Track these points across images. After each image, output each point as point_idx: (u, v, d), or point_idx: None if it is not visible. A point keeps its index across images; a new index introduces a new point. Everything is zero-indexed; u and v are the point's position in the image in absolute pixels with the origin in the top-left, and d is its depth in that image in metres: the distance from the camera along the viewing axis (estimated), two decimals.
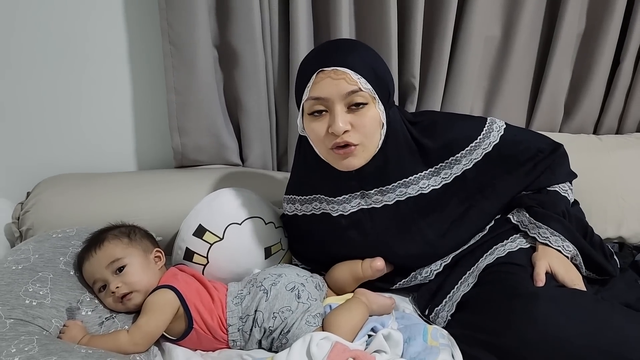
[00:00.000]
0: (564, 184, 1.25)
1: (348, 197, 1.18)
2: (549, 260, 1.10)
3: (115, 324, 1.10)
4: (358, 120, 1.05)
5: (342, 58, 1.04)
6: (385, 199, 1.18)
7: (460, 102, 1.63)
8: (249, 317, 1.11)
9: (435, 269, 1.24)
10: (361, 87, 1.03)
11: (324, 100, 1.04)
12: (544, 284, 1.07)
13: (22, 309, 1.02)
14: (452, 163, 1.18)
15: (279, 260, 1.33)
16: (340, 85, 1.02)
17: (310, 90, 1.04)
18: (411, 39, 1.52)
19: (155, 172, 1.56)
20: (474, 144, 1.17)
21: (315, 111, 1.06)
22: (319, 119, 1.06)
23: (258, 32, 1.43)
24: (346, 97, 1.03)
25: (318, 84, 1.03)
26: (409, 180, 1.17)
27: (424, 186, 1.18)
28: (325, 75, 1.03)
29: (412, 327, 1.10)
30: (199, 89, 1.46)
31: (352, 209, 1.19)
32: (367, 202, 1.18)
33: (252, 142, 1.59)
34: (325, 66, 1.03)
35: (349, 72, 1.02)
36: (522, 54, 1.64)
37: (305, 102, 1.06)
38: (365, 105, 1.05)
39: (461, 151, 1.17)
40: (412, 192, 1.18)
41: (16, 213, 1.39)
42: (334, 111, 1.03)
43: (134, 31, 1.48)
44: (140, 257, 1.13)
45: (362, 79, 1.03)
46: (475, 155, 1.18)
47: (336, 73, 1.02)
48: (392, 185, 1.17)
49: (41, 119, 1.52)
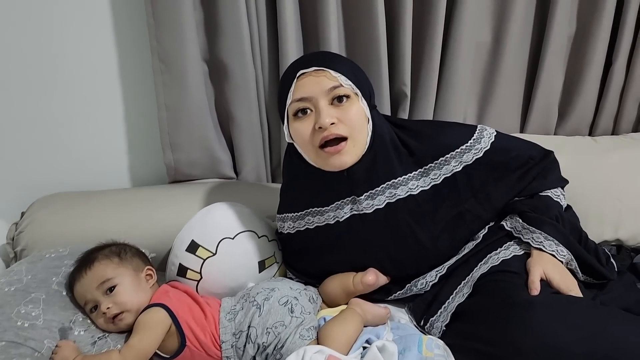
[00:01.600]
0: (555, 190, 1.24)
1: (340, 203, 1.18)
2: (543, 267, 1.09)
3: (108, 344, 1.09)
4: (343, 113, 1.07)
5: (322, 60, 1.08)
6: (375, 202, 1.17)
7: (453, 108, 1.62)
8: (242, 333, 1.10)
9: (431, 280, 1.23)
10: (342, 84, 1.06)
11: (307, 100, 1.07)
12: (539, 292, 1.05)
13: (14, 330, 1.02)
14: (442, 164, 1.18)
15: (274, 273, 1.32)
16: (322, 82, 1.06)
17: (293, 92, 1.07)
18: (401, 46, 1.52)
19: (149, 189, 1.56)
20: (465, 147, 1.18)
21: (300, 110, 1.08)
22: (304, 119, 1.08)
23: (247, 46, 1.43)
24: (329, 92, 1.06)
25: (300, 84, 1.07)
26: (397, 181, 1.17)
27: (413, 187, 1.18)
28: (307, 76, 1.07)
29: (408, 338, 1.09)
30: (190, 104, 1.46)
31: (345, 215, 1.19)
32: (359, 208, 1.18)
33: (245, 155, 1.59)
34: (305, 68, 1.07)
35: (329, 71, 1.06)
36: (514, 58, 1.64)
37: (290, 105, 1.08)
38: (348, 98, 1.07)
39: (450, 152, 1.18)
40: (401, 193, 1.17)
41: (11, 234, 1.39)
42: (318, 107, 1.06)
43: (124, 50, 1.49)
44: (131, 276, 1.13)
45: (342, 76, 1.07)
46: (466, 159, 1.18)
47: (317, 72, 1.07)
48: (382, 187, 1.17)
49: (34, 138, 1.52)
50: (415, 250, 1.20)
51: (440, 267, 1.23)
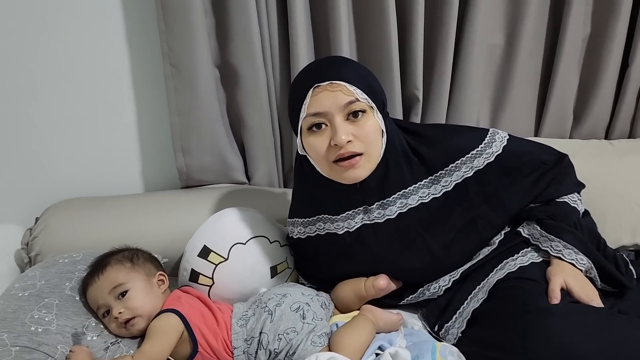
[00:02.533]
0: (572, 195, 1.22)
1: (351, 213, 1.17)
2: (564, 277, 1.06)
3: (121, 349, 1.10)
4: (359, 129, 1.04)
5: (336, 71, 1.04)
6: (387, 212, 1.16)
7: (465, 112, 1.61)
8: (254, 339, 1.10)
9: (444, 284, 1.21)
10: (358, 98, 1.03)
11: (323, 115, 1.04)
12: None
13: (28, 335, 1.02)
14: (452, 170, 1.16)
15: (286, 278, 1.32)
16: (337, 97, 1.03)
17: (308, 106, 1.04)
18: (413, 50, 1.51)
19: (161, 194, 1.57)
20: (475, 152, 1.16)
21: (314, 125, 1.05)
22: (319, 133, 1.05)
23: (258, 51, 1.43)
24: (344, 108, 1.03)
25: (315, 98, 1.03)
26: (408, 190, 1.16)
27: (424, 195, 1.16)
28: (322, 90, 1.03)
29: (421, 345, 1.08)
30: (201, 109, 1.46)
31: (357, 225, 1.18)
32: (370, 218, 1.17)
33: (257, 160, 1.58)
34: (320, 81, 1.03)
35: (345, 84, 1.03)
36: (527, 61, 1.62)
37: (304, 119, 1.05)
38: (364, 113, 1.05)
39: (461, 158, 1.16)
40: (412, 202, 1.16)
41: (25, 239, 1.40)
42: (334, 123, 1.03)
43: (135, 55, 1.50)
44: (143, 281, 1.13)
45: (357, 90, 1.03)
46: (477, 164, 1.16)
47: (332, 86, 1.03)
48: (393, 197, 1.15)
49: (47, 145, 1.54)
50: (426, 259, 1.19)
51: (454, 272, 1.22)
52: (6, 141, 1.51)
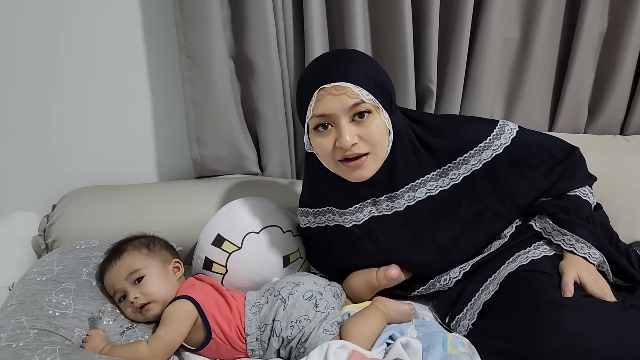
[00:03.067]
0: (584, 188, 1.21)
1: (360, 206, 1.18)
2: (577, 271, 1.06)
3: (136, 334, 1.11)
4: (365, 130, 1.04)
5: (342, 72, 1.03)
6: (395, 205, 1.17)
7: (479, 106, 1.60)
8: (267, 327, 1.11)
9: (455, 276, 1.22)
10: (363, 99, 1.02)
11: (328, 117, 1.04)
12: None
13: (46, 319, 1.05)
14: (460, 163, 1.16)
15: (298, 268, 1.33)
16: (342, 100, 1.02)
17: (314, 108, 1.04)
18: (427, 43, 1.50)
19: (175, 183, 1.58)
20: (484, 144, 1.16)
21: (321, 125, 1.05)
22: (325, 133, 1.06)
23: (273, 42, 1.44)
24: (350, 110, 1.02)
25: (320, 101, 1.03)
26: (416, 183, 1.16)
27: (432, 188, 1.17)
28: (327, 93, 1.02)
29: (432, 335, 1.09)
30: (216, 100, 1.48)
31: (365, 218, 1.18)
32: (378, 209, 1.18)
33: (271, 152, 1.59)
34: (324, 83, 1.02)
35: (350, 86, 1.01)
36: (543, 55, 1.61)
37: (310, 119, 1.06)
38: (369, 114, 1.04)
39: (469, 151, 1.15)
40: (420, 195, 1.16)
41: (42, 226, 1.43)
42: (339, 125, 1.03)
43: (151, 46, 1.51)
44: (158, 267, 1.15)
45: (363, 90, 1.02)
46: (485, 156, 1.15)
47: (337, 89, 1.01)
48: (401, 190, 1.16)
49: (65, 134, 1.56)
50: (435, 252, 1.19)
51: (464, 265, 1.22)
52: (25, 131, 1.54)
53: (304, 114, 1.07)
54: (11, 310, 1.06)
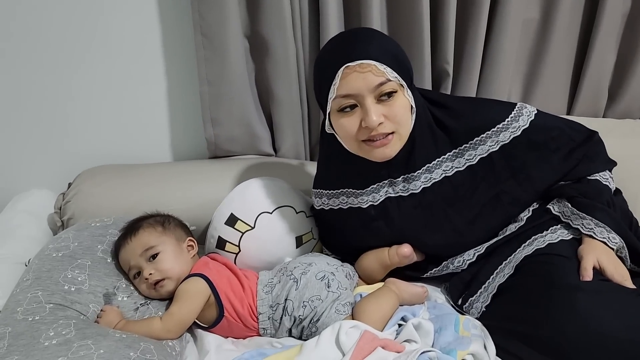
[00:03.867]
0: (604, 173, 1.19)
1: (376, 186, 1.17)
2: (597, 255, 1.05)
3: (150, 310, 1.13)
4: (390, 110, 1.02)
5: (365, 50, 1.00)
6: (411, 187, 1.16)
7: (496, 88, 1.58)
8: (279, 306, 1.12)
9: (469, 258, 1.21)
10: (389, 78, 1.00)
11: (353, 97, 1.01)
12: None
13: (62, 294, 1.06)
14: (477, 144, 1.14)
15: (310, 249, 1.33)
16: (368, 78, 0.99)
17: (338, 88, 1.01)
18: (444, 23, 1.48)
19: (189, 163, 1.59)
20: (501, 126, 1.14)
21: (347, 106, 1.03)
22: (350, 114, 1.03)
23: (288, 22, 1.43)
24: (375, 89, 1.00)
25: (345, 80, 1.00)
26: (432, 165, 1.15)
27: (447, 169, 1.15)
28: (352, 70, 1.00)
29: (444, 317, 1.08)
30: (231, 79, 1.47)
31: (381, 198, 1.18)
32: (395, 191, 1.17)
33: (285, 132, 1.59)
34: (349, 61, 0.99)
35: (375, 64, 0.99)
36: (563, 37, 1.57)
37: (334, 100, 1.03)
38: (394, 94, 1.02)
39: (487, 132, 1.14)
40: (436, 176, 1.15)
41: (58, 203, 1.44)
42: (365, 105, 1.01)
43: (166, 24, 1.50)
44: (173, 245, 1.16)
45: (388, 68, 1.00)
46: (503, 138, 1.14)
47: (362, 66, 0.99)
48: (417, 172, 1.15)
49: (80, 113, 1.56)
50: (450, 235, 1.19)
51: (479, 247, 1.21)
52: (41, 110, 1.55)
53: (325, 95, 1.04)
54: (27, 285, 1.08)
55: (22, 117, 1.54)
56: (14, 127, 1.55)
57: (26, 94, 1.52)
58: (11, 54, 1.47)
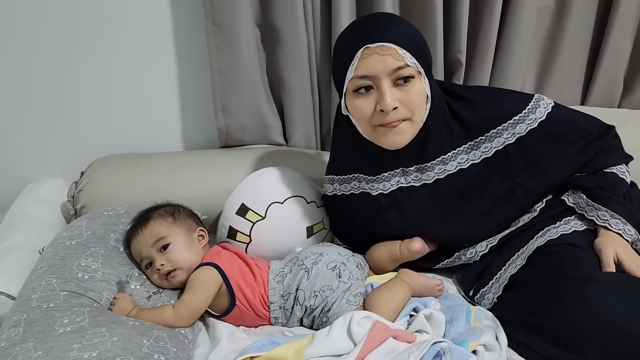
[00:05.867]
0: (621, 166, 1.18)
1: (388, 175, 1.16)
2: (615, 248, 1.04)
3: (162, 299, 1.13)
4: (405, 95, 1.02)
5: (386, 33, 1.00)
6: (424, 177, 1.15)
7: (510, 77, 1.56)
8: (291, 295, 1.12)
9: (481, 250, 1.20)
10: (407, 63, 1.00)
11: (370, 78, 1.01)
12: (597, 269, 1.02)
13: (75, 282, 1.07)
14: (493, 136, 1.13)
15: (321, 239, 1.33)
16: (387, 61, 0.99)
17: (356, 68, 1.01)
18: (458, 11, 1.46)
19: (200, 152, 1.59)
20: (518, 118, 1.13)
21: (362, 87, 1.03)
22: (365, 96, 1.03)
23: (300, 10, 1.42)
24: (393, 72, 1.00)
25: (364, 61, 1.00)
26: (447, 157, 1.14)
27: (463, 161, 1.15)
28: (371, 52, 1.00)
29: (455, 308, 1.08)
30: (242, 68, 1.47)
31: (392, 187, 1.17)
32: (407, 180, 1.16)
33: (296, 122, 1.58)
34: (369, 42, 1.00)
35: (395, 48, 0.99)
36: (578, 25, 1.55)
37: (350, 80, 1.03)
38: (411, 79, 1.02)
39: (503, 124, 1.13)
40: (451, 168, 1.15)
41: (71, 192, 1.45)
42: (381, 88, 1.01)
43: (178, 13, 1.50)
44: (184, 235, 1.16)
45: (407, 53, 1.00)
46: (519, 130, 1.13)
47: (382, 49, 0.99)
48: (431, 163, 1.14)
49: (93, 103, 1.57)
50: (462, 227, 1.18)
51: (491, 238, 1.20)
52: (55, 100, 1.55)
53: (342, 76, 1.04)
54: (42, 273, 1.09)
55: (35, 107, 1.55)
56: (28, 116, 1.56)
57: (39, 84, 1.53)
58: (24, 44, 1.48)
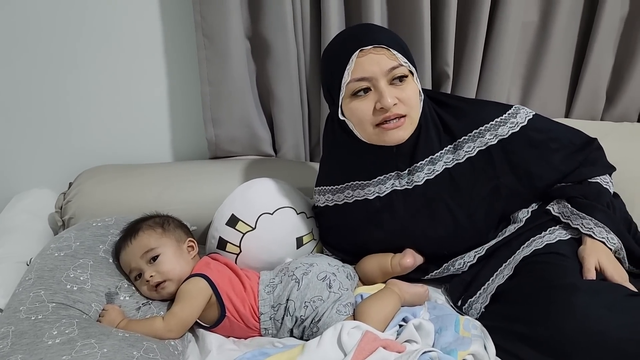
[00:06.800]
0: (604, 176, 1.21)
1: (383, 178, 1.19)
2: (598, 256, 1.07)
3: (152, 310, 1.13)
4: (402, 93, 1.06)
5: (377, 37, 1.06)
6: (415, 178, 1.18)
7: (496, 90, 1.59)
8: (281, 306, 1.12)
9: (469, 260, 1.22)
10: (401, 63, 1.05)
11: (368, 80, 1.05)
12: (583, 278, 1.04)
13: (64, 293, 1.06)
14: (476, 136, 1.17)
15: (311, 250, 1.33)
16: (382, 61, 1.04)
17: (353, 71, 1.05)
18: (445, 25, 1.49)
19: (190, 163, 1.59)
20: (500, 120, 1.17)
21: (361, 90, 1.06)
22: (365, 98, 1.07)
23: (290, 23, 1.43)
24: (388, 73, 1.05)
25: (359, 63, 1.04)
26: (435, 157, 1.17)
27: (448, 161, 1.18)
28: (366, 54, 1.04)
29: (444, 318, 1.09)
30: (232, 80, 1.48)
31: (387, 190, 1.19)
32: (401, 183, 1.19)
33: (285, 133, 1.59)
34: (363, 45, 1.04)
35: (388, 48, 1.04)
36: (562, 39, 1.59)
37: (348, 84, 1.06)
38: (405, 78, 1.07)
39: (485, 124, 1.17)
40: (438, 168, 1.18)
41: (59, 203, 1.44)
42: (379, 88, 1.05)
43: (168, 24, 1.51)
44: (173, 246, 1.16)
45: (399, 54, 1.05)
46: (501, 132, 1.16)
47: (376, 50, 1.04)
48: (421, 163, 1.17)
49: (82, 113, 1.57)
50: (451, 228, 1.20)
51: (479, 249, 1.22)
52: (43, 109, 1.55)
53: (337, 82, 1.07)
54: (30, 284, 1.08)
55: (23, 117, 1.55)
56: (15, 126, 1.55)
57: (27, 93, 1.52)
58: (12, 53, 1.47)
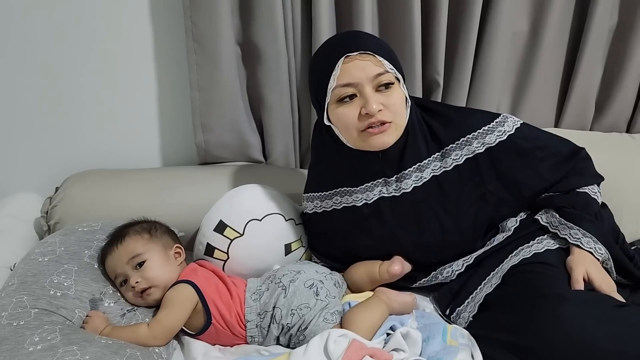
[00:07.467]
0: (592, 186, 1.22)
1: (370, 185, 1.19)
2: (586, 267, 1.07)
3: (137, 316, 1.12)
4: (387, 100, 1.07)
5: (364, 43, 1.07)
6: (403, 185, 1.18)
7: (486, 99, 1.59)
8: (267, 314, 1.11)
9: (457, 268, 1.22)
10: (387, 70, 1.06)
11: (353, 86, 1.06)
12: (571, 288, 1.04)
13: (47, 299, 1.05)
14: (463, 144, 1.18)
15: (299, 257, 1.33)
16: (367, 67, 1.05)
17: (338, 77, 1.06)
18: (435, 34, 1.49)
19: (178, 169, 1.58)
20: (487, 128, 1.18)
21: (346, 96, 1.07)
22: (350, 104, 1.07)
23: (280, 30, 1.43)
24: (374, 79, 1.06)
25: (346, 69, 1.05)
26: (423, 164, 1.18)
27: (436, 168, 1.18)
28: (352, 60, 1.05)
29: (432, 326, 1.09)
30: (222, 86, 1.47)
31: (375, 197, 1.19)
32: (388, 190, 1.19)
33: (275, 139, 1.59)
34: (349, 51, 1.05)
35: (374, 55, 1.05)
36: (551, 50, 1.60)
37: (333, 90, 1.07)
38: (391, 85, 1.07)
39: (472, 133, 1.17)
40: (426, 175, 1.18)
41: (45, 207, 1.43)
42: (364, 94, 1.05)
43: (158, 29, 1.50)
44: (160, 252, 1.15)
45: (385, 61, 1.06)
46: (489, 140, 1.17)
47: (362, 56, 1.05)
48: (409, 170, 1.17)
49: (69, 117, 1.55)
50: (439, 235, 1.20)
51: (467, 257, 1.22)
52: (29, 113, 1.53)
53: (324, 88, 1.07)
54: (13, 290, 1.06)
55: (9, 121, 1.53)
56: (1, 130, 1.53)
57: (13, 97, 1.51)
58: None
